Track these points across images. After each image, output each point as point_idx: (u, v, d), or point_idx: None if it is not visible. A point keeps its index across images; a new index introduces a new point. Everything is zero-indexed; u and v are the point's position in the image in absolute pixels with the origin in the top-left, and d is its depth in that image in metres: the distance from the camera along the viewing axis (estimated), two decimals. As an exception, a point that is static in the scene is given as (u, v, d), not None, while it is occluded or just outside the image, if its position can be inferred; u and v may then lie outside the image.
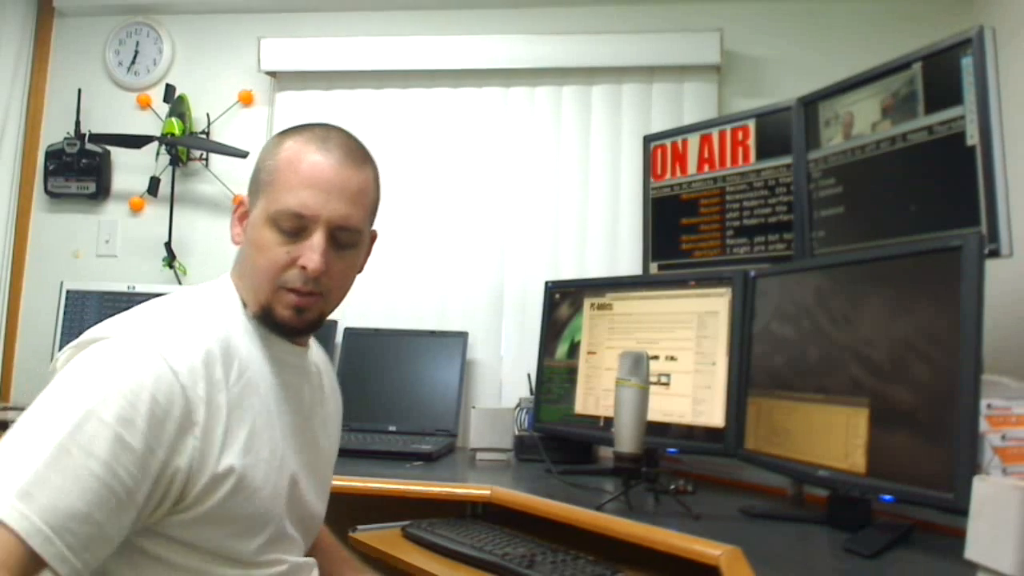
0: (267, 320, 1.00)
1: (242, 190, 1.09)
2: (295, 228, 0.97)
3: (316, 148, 0.99)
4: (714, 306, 1.68)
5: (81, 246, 2.64)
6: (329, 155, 0.99)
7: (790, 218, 1.85)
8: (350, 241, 1.02)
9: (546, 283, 2.12)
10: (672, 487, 1.51)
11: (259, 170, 1.02)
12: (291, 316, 1.00)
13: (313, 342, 1.16)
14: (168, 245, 2.54)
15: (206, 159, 2.59)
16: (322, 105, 2.53)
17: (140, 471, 0.82)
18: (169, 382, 0.85)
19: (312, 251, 0.97)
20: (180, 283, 2.53)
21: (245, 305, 1.02)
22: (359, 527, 1.53)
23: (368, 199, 1.04)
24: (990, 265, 1.17)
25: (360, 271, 1.09)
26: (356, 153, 1.02)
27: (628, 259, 2.33)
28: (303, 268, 0.97)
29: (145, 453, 0.82)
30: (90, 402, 0.80)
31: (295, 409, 1.06)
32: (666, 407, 1.70)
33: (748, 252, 1.93)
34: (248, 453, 0.93)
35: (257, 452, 0.94)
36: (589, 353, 1.94)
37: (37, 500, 0.74)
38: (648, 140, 2.18)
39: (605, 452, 2.02)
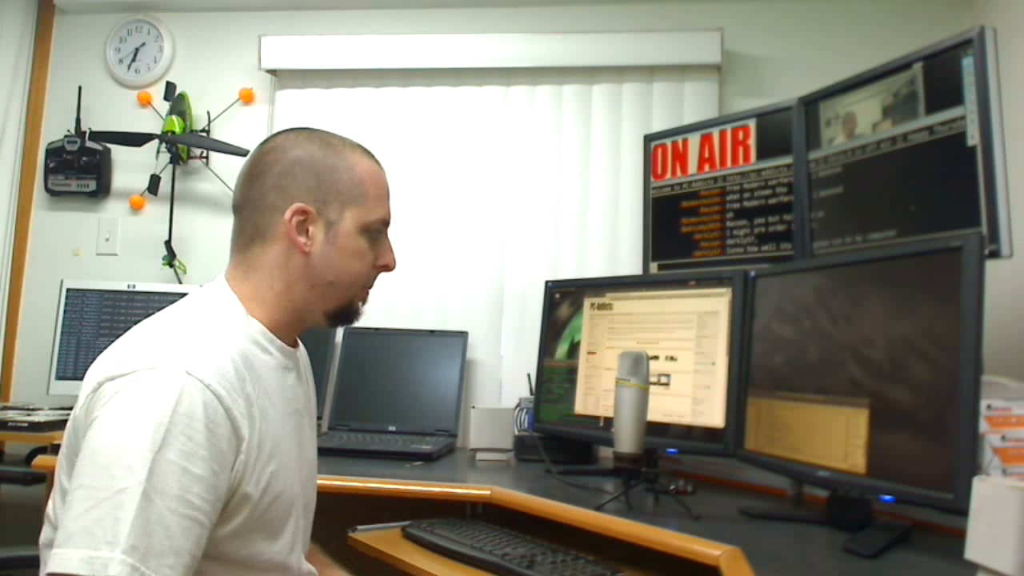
0: (343, 318, 1.12)
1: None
2: (380, 235, 1.11)
3: (374, 161, 1.12)
4: (714, 306, 1.68)
5: (81, 244, 2.64)
6: (381, 167, 1.13)
7: (790, 221, 1.85)
8: None
9: (546, 283, 2.12)
10: (672, 487, 1.52)
11: (336, 181, 1.06)
12: (361, 309, 1.14)
13: None
14: (168, 243, 2.54)
15: (206, 157, 2.59)
16: (322, 103, 2.53)
17: (212, 494, 0.89)
18: (215, 407, 0.90)
19: (392, 252, 1.13)
20: (180, 282, 2.53)
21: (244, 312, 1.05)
22: (359, 527, 1.53)
23: None
24: (990, 265, 1.17)
25: None
26: None
27: (628, 259, 2.33)
28: (386, 267, 1.12)
29: (211, 477, 0.88)
30: (153, 445, 0.85)
31: (295, 408, 1.11)
32: (666, 407, 1.70)
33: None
34: (274, 458, 0.99)
35: (281, 456, 1.01)
36: (589, 353, 1.94)
37: (139, 550, 0.81)
38: (648, 139, 2.18)
39: (605, 452, 2.02)
